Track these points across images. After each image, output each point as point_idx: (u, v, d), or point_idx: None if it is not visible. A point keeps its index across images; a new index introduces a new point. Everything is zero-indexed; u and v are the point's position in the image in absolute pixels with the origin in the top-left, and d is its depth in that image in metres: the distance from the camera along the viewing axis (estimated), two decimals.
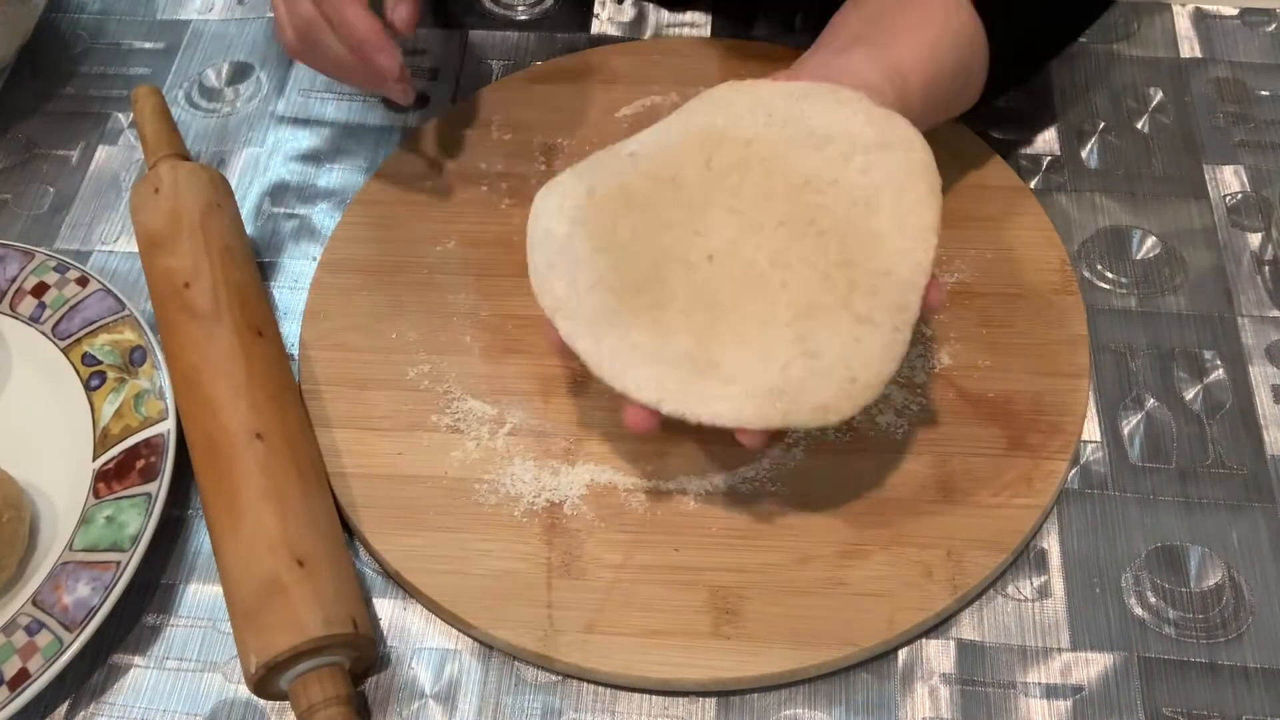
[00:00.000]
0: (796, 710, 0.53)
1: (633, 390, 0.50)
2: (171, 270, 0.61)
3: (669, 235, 0.52)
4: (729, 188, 0.53)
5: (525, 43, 0.79)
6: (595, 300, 0.51)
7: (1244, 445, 0.59)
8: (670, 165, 0.54)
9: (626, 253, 0.52)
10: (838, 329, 0.49)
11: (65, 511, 0.58)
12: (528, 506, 0.58)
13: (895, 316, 0.50)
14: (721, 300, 0.51)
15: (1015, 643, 0.54)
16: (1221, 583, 0.55)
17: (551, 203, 0.54)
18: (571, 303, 0.52)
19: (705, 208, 0.53)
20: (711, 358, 0.50)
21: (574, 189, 0.54)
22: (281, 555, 0.52)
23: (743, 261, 0.51)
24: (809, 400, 0.49)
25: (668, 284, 0.52)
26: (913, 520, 0.56)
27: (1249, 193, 0.69)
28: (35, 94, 0.78)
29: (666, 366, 0.50)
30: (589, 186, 0.53)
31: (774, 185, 0.52)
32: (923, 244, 0.50)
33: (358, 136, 0.75)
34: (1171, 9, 0.78)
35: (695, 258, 0.52)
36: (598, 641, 0.53)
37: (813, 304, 0.50)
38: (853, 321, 0.49)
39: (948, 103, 0.61)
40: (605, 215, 0.53)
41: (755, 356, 0.50)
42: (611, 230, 0.53)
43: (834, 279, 0.50)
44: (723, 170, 0.53)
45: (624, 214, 0.53)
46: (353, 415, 0.61)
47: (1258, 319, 0.64)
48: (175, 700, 0.55)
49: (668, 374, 0.50)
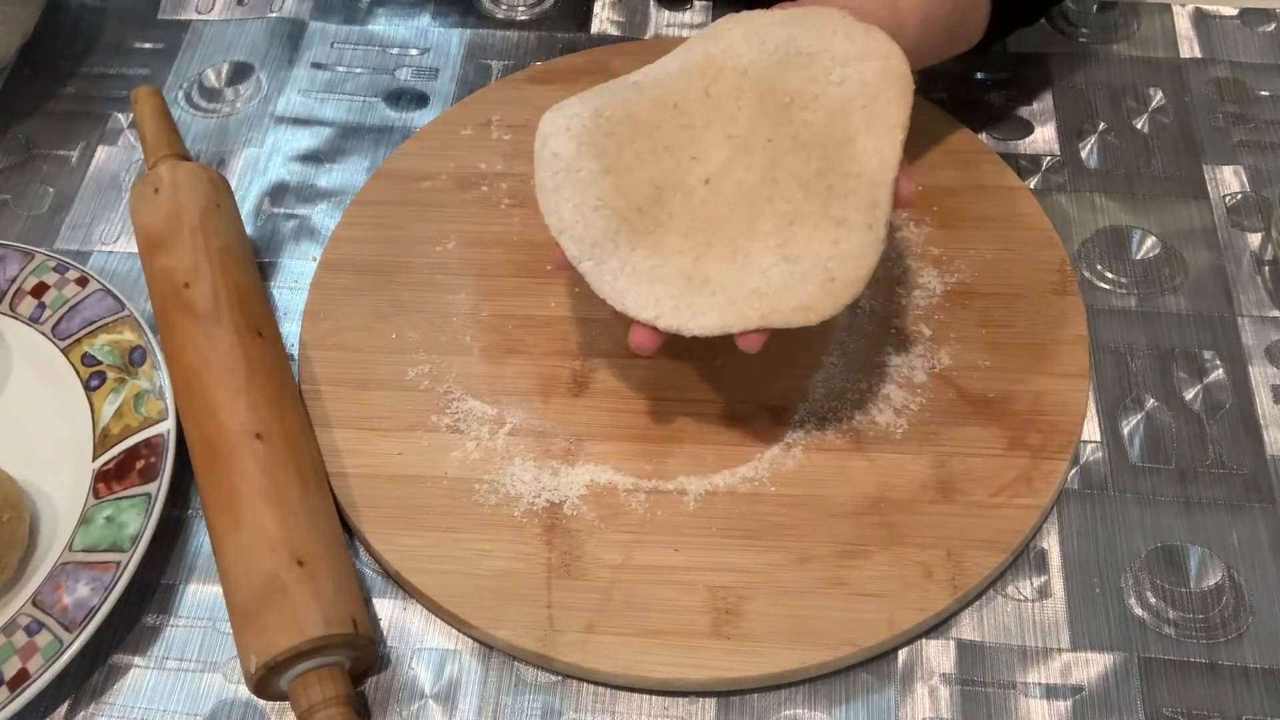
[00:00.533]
0: (796, 710, 0.53)
1: (632, 309, 0.53)
2: (171, 270, 0.61)
3: (670, 159, 0.55)
4: (726, 114, 0.55)
5: (525, 43, 0.79)
6: (600, 222, 0.54)
7: (1244, 445, 0.60)
8: (672, 92, 0.56)
9: (630, 175, 0.55)
10: (817, 233, 0.52)
11: (65, 511, 0.58)
12: (528, 507, 0.58)
13: (868, 214, 0.52)
14: (715, 221, 0.54)
15: (1015, 643, 0.54)
16: (1221, 583, 0.55)
17: (559, 123, 0.56)
18: (578, 226, 0.54)
19: (704, 132, 0.55)
20: (705, 274, 0.53)
21: (580, 110, 0.56)
22: (281, 555, 0.52)
23: (734, 181, 0.54)
24: (789, 301, 0.51)
25: (668, 206, 0.55)
26: (913, 520, 0.56)
27: (1249, 193, 0.69)
28: (35, 94, 0.78)
29: (664, 285, 0.53)
30: (595, 108, 0.56)
31: (765, 108, 0.55)
32: (888, 140, 0.52)
33: (358, 136, 0.75)
34: (1171, 9, 0.78)
35: (693, 182, 0.55)
36: (598, 641, 0.53)
37: (795, 213, 0.53)
38: (831, 225, 0.52)
39: (948, 33, 0.61)
40: (610, 138, 0.55)
41: (740, 267, 0.52)
42: (616, 153, 0.55)
43: (814, 188, 0.53)
44: (720, 97, 0.56)
45: (628, 138, 0.55)
46: (353, 415, 0.61)
47: (1258, 319, 0.64)
48: (175, 700, 0.55)
49: (664, 292, 0.53)
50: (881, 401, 0.60)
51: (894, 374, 0.61)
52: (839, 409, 0.60)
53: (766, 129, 0.54)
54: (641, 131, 0.56)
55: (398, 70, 0.78)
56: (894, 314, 0.63)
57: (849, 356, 0.62)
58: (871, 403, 0.60)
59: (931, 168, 0.69)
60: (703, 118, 0.56)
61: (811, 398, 0.60)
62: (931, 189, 0.68)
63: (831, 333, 0.63)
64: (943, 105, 0.72)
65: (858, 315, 0.63)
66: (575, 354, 0.63)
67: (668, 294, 0.53)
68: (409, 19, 0.81)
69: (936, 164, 0.69)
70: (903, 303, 0.64)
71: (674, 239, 0.54)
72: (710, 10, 0.80)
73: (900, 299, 0.64)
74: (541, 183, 0.55)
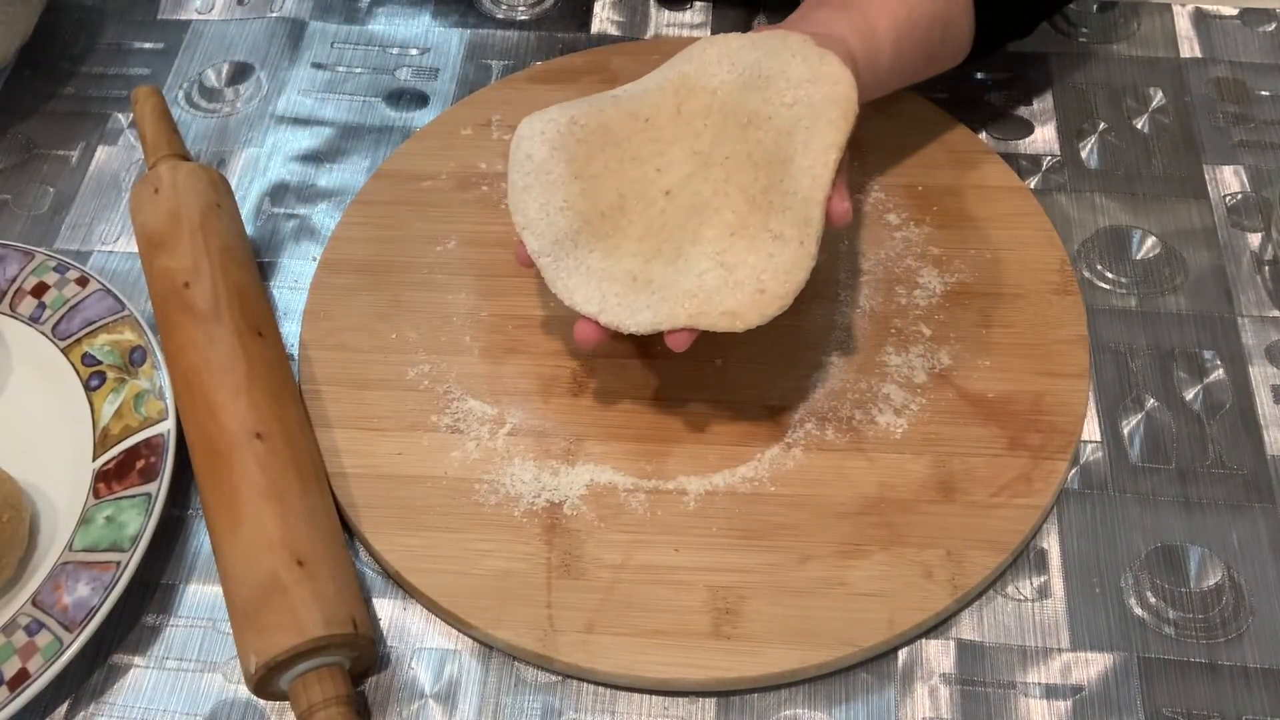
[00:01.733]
0: (796, 710, 0.53)
1: (579, 305, 0.56)
2: (171, 270, 0.61)
3: (636, 170, 0.58)
4: (694, 131, 0.58)
5: (525, 43, 0.79)
6: (563, 221, 0.57)
7: (1244, 445, 0.59)
8: (646, 107, 0.59)
9: (597, 182, 0.58)
10: (755, 245, 0.54)
11: (65, 511, 0.58)
12: (528, 506, 0.58)
13: (801, 231, 0.53)
14: (669, 228, 0.57)
15: (1015, 643, 0.54)
16: (1221, 583, 0.55)
17: (536, 127, 0.59)
18: (541, 223, 0.57)
19: (671, 146, 0.58)
20: (649, 276, 0.56)
21: (557, 117, 0.59)
22: (281, 555, 0.52)
23: (691, 193, 0.57)
24: (719, 305, 0.53)
25: (628, 213, 0.57)
26: (913, 520, 0.56)
27: (1249, 193, 0.69)
28: (35, 94, 0.78)
29: (610, 284, 0.56)
30: (571, 116, 0.59)
31: (727, 126, 0.57)
32: (822, 160, 0.54)
33: (358, 136, 0.75)
34: (1171, 9, 0.78)
35: (655, 192, 0.58)
36: (598, 641, 0.53)
37: (739, 225, 0.55)
38: (769, 239, 0.54)
39: (926, 55, 0.62)
40: (582, 145, 0.58)
41: (679, 270, 0.55)
42: (586, 160, 0.58)
43: (758, 203, 0.55)
44: (690, 115, 0.58)
45: (599, 147, 0.58)
46: (353, 415, 0.61)
47: (1258, 319, 0.64)
48: (175, 700, 0.55)
49: (610, 290, 0.56)
50: (881, 401, 0.60)
51: (894, 374, 0.61)
52: (839, 409, 0.60)
53: (726, 146, 0.57)
54: (612, 141, 0.58)
55: (398, 70, 0.78)
56: (894, 314, 0.63)
57: (849, 356, 0.62)
58: (871, 403, 0.60)
59: (931, 168, 0.69)
60: (672, 133, 0.58)
61: (811, 398, 0.60)
62: (931, 189, 0.68)
63: (831, 333, 0.63)
64: (943, 105, 0.72)
65: (858, 315, 0.63)
66: (575, 354, 0.63)
67: (613, 292, 0.55)
68: (409, 19, 0.81)
69: (936, 164, 0.69)
70: (903, 303, 0.64)
71: (628, 243, 0.57)
72: (710, 10, 0.80)
73: (900, 299, 0.64)
74: (513, 182, 0.58)
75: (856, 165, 0.69)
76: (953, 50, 0.64)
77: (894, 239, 0.66)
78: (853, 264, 0.65)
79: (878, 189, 0.68)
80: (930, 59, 0.63)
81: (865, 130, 0.70)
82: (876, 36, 0.59)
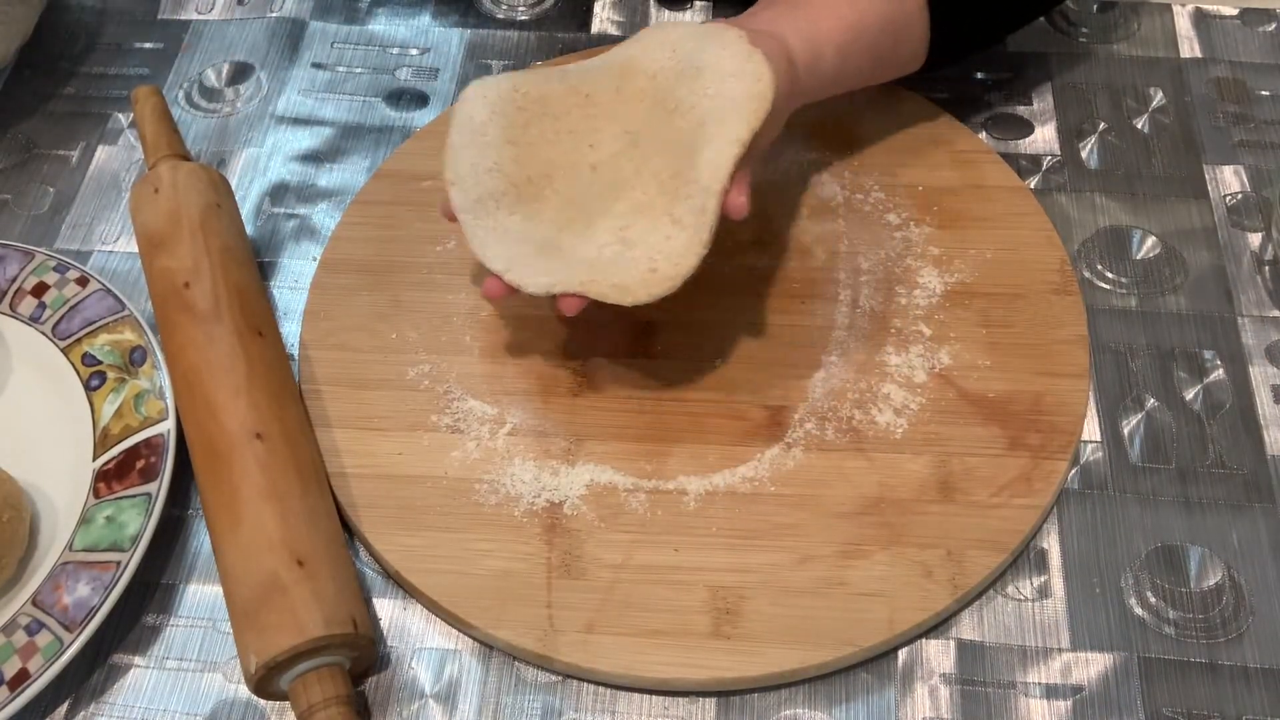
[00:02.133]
0: (796, 710, 0.53)
1: (489, 261, 0.57)
2: (171, 270, 0.61)
3: (570, 142, 0.60)
4: (628, 111, 0.60)
5: (525, 43, 0.79)
6: (490, 182, 0.58)
7: (1244, 445, 0.59)
8: (588, 84, 0.61)
9: (531, 150, 0.60)
10: (656, 227, 0.56)
11: (65, 511, 0.58)
12: (528, 506, 0.58)
13: (697, 219, 0.55)
14: (586, 201, 0.58)
15: (1015, 643, 0.54)
16: (1221, 583, 0.55)
17: (480, 91, 0.61)
18: (469, 180, 0.58)
19: (606, 124, 0.60)
20: (557, 244, 0.57)
21: (503, 84, 0.61)
22: (281, 555, 0.52)
23: (614, 170, 0.59)
24: (611, 278, 0.55)
25: (554, 182, 0.59)
26: (913, 520, 0.56)
27: (1249, 193, 0.69)
28: (35, 94, 0.78)
29: (520, 246, 0.57)
30: (514, 84, 0.61)
31: (656, 111, 0.59)
32: (724, 153, 0.55)
33: (358, 136, 0.75)
34: (1171, 9, 0.78)
35: (583, 166, 0.60)
36: (598, 641, 0.53)
37: (647, 205, 0.57)
38: (669, 223, 0.56)
39: (875, 59, 0.63)
40: (521, 112, 0.60)
41: (583, 239, 0.57)
42: (524, 127, 0.60)
43: (667, 187, 0.57)
44: (628, 96, 0.60)
45: (537, 116, 0.60)
46: (353, 415, 0.61)
47: (1258, 319, 0.64)
48: (175, 700, 0.55)
49: (519, 252, 0.57)
50: (881, 401, 0.60)
51: (894, 374, 0.61)
52: (839, 409, 0.60)
53: (652, 130, 0.59)
54: (551, 113, 0.60)
55: (398, 70, 0.78)
56: (894, 314, 0.63)
57: (849, 356, 0.62)
58: (871, 403, 0.60)
59: (931, 168, 0.69)
60: (609, 111, 0.60)
61: (811, 398, 0.60)
62: (931, 189, 0.68)
63: (831, 333, 0.63)
64: (943, 105, 0.72)
65: (858, 315, 0.63)
66: (575, 354, 0.63)
67: (521, 254, 0.57)
68: (409, 19, 0.81)
69: (936, 164, 0.69)
70: (903, 303, 0.64)
71: (548, 210, 0.59)
72: (710, 10, 0.80)
73: (900, 299, 0.64)
74: (450, 140, 0.59)
75: (856, 165, 0.69)
76: (906, 56, 0.65)
77: (894, 239, 0.66)
78: (853, 264, 0.65)
79: (878, 189, 0.68)
80: (880, 63, 0.64)
81: (865, 129, 0.71)
82: (819, 39, 0.60)
